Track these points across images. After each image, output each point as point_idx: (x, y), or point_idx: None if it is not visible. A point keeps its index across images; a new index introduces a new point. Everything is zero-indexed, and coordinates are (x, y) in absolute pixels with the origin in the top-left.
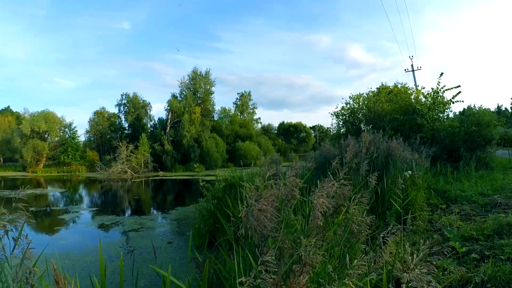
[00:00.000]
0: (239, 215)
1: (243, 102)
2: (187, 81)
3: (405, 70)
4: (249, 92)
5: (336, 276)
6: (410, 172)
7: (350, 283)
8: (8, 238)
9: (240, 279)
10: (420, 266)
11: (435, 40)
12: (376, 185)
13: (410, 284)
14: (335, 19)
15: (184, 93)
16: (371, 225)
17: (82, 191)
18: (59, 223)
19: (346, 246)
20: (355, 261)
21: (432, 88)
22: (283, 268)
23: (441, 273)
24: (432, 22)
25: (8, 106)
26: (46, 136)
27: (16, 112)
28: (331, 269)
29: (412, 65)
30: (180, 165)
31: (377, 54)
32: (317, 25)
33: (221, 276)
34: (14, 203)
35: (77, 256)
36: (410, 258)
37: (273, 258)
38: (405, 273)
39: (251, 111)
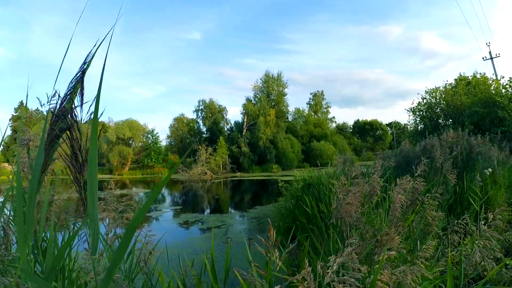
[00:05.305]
0: (332, 207)
1: (316, 101)
2: (260, 85)
3: (483, 58)
4: (322, 92)
5: (409, 258)
6: (490, 169)
7: (420, 263)
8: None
9: (329, 258)
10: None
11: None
12: (456, 184)
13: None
14: (402, 8)
15: (258, 96)
16: (447, 223)
17: (165, 191)
18: (144, 220)
19: (420, 236)
20: (423, 246)
21: (510, 77)
22: (365, 249)
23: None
24: (506, 2)
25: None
26: (130, 142)
27: (101, 121)
28: (405, 252)
29: (489, 52)
30: (257, 166)
31: (453, 41)
32: (385, 16)
33: (310, 260)
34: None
35: (163, 249)
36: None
37: (357, 240)
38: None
39: (325, 110)
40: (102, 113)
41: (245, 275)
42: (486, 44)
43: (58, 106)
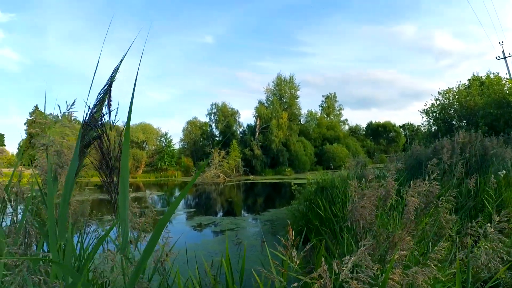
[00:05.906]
0: (347, 210)
1: (329, 104)
2: (272, 87)
3: (496, 57)
4: (334, 94)
5: (421, 260)
6: (504, 171)
7: (432, 264)
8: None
9: (343, 259)
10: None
11: None
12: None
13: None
14: (415, 7)
15: (270, 99)
16: (462, 225)
17: (178, 194)
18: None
19: (433, 239)
20: (435, 247)
21: None
22: (379, 251)
23: None
24: None
25: (108, 121)
26: (144, 145)
27: (116, 125)
28: (418, 254)
29: (503, 51)
30: (269, 169)
31: (467, 39)
32: (398, 16)
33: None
34: (143, 203)
35: (179, 251)
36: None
37: (371, 242)
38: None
39: (338, 112)
40: (130, 117)
41: (265, 273)
42: (499, 43)
43: (88, 117)
